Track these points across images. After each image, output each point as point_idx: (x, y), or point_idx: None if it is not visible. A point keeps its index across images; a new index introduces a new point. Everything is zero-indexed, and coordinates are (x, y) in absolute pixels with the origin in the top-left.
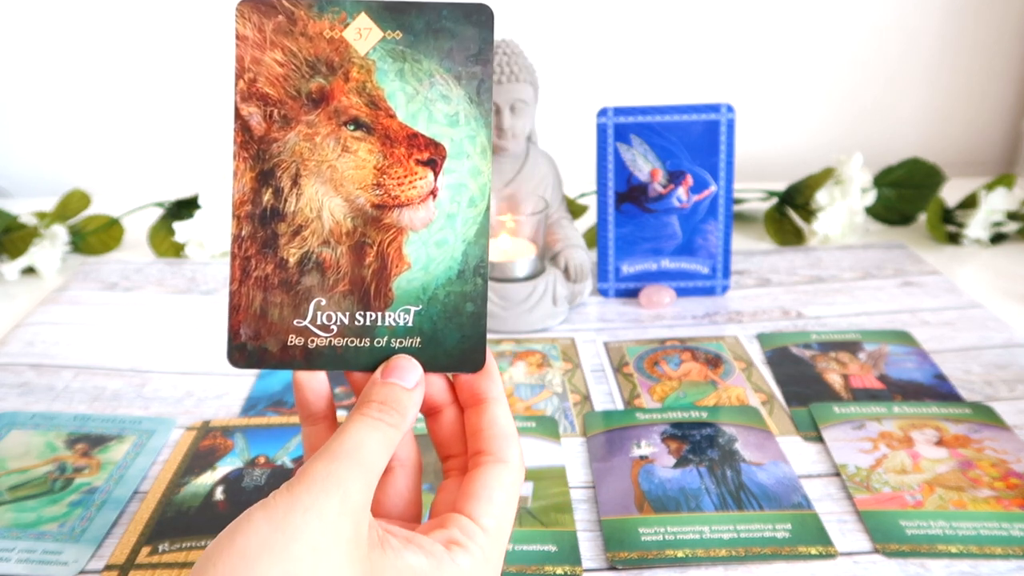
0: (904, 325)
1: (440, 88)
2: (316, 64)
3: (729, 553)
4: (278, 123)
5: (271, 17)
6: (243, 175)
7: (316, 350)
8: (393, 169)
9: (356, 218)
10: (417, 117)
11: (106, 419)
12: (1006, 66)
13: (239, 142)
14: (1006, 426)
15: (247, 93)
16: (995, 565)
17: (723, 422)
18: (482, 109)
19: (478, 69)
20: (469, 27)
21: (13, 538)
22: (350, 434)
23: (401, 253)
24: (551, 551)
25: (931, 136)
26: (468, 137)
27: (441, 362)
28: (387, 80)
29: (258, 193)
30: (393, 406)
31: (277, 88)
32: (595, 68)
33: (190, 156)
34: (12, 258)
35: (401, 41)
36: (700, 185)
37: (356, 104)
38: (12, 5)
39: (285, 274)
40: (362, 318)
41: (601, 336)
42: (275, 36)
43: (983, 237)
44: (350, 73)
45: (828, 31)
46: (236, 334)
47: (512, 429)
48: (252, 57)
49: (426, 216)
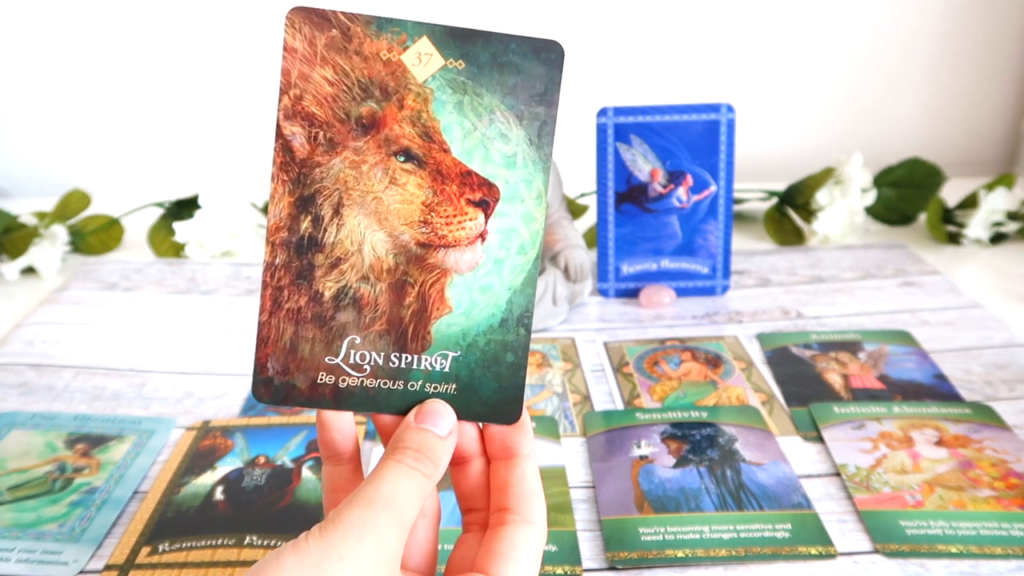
0: (904, 325)
1: (500, 126)
2: (369, 87)
3: (729, 553)
4: (323, 146)
5: (324, 31)
6: (281, 199)
7: (347, 390)
8: (442, 207)
9: (399, 255)
10: (473, 154)
11: (106, 419)
12: (1006, 66)
13: (279, 163)
14: (1006, 426)
15: (291, 111)
16: (995, 565)
17: (723, 422)
18: (542, 153)
19: (542, 110)
20: (537, 64)
21: (13, 538)
22: (386, 481)
23: (443, 296)
24: (551, 551)
25: (931, 136)
26: (524, 181)
27: (475, 411)
28: (444, 112)
29: (296, 220)
30: (428, 454)
31: (325, 109)
32: (595, 68)
33: (190, 156)
34: (12, 258)
35: (463, 72)
36: (700, 185)
37: (409, 134)
38: (12, 5)
39: (319, 308)
40: (397, 360)
41: (601, 336)
42: (327, 52)
43: (983, 237)
44: (405, 100)
45: (828, 31)
46: (263, 367)
47: (540, 489)
48: (300, 72)
49: (473, 259)
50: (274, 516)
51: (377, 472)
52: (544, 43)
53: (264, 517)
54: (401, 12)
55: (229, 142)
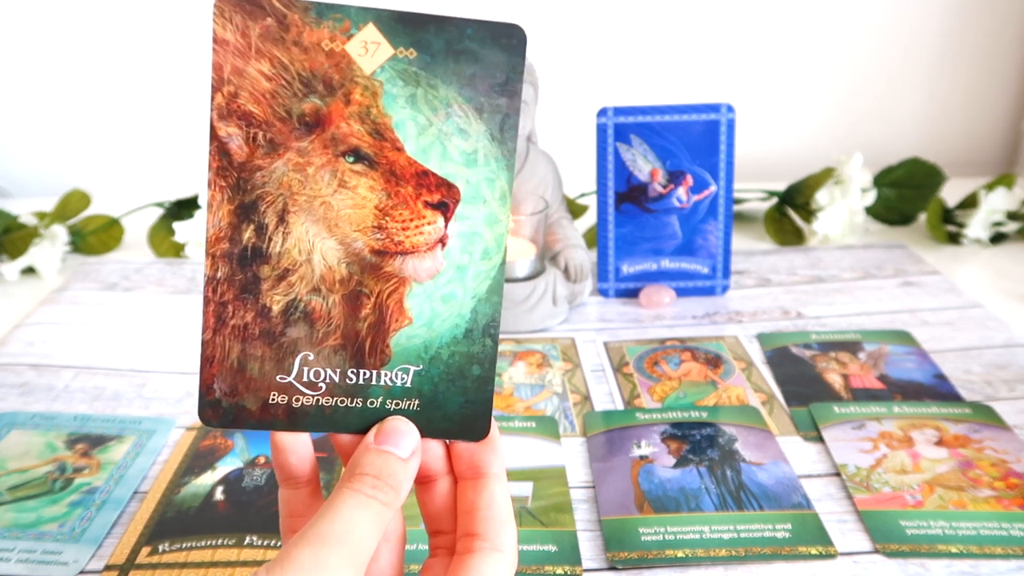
0: (904, 325)
1: (458, 120)
2: (311, 81)
3: (729, 553)
4: (263, 148)
5: (258, 19)
6: (219, 207)
7: (301, 409)
8: (397, 211)
9: (352, 264)
10: (429, 152)
11: (106, 419)
12: (1006, 66)
13: (215, 168)
14: (1006, 426)
15: (226, 110)
16: (995, 565)
17: (723, 422)
18: (505, 148)
19: (503, 101)
20: (497, 51)
21: (13, 538)
22: (340, 514)
23: (402, 306)
24: (551, 551)
25: (931, 136)
26: (486, 180)
27: (440, 428)
28: (396, 106)
29: (237, 229)
30: (388, 480)
31: (263, 106)
32: (595, 68)
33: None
34: (12, 258)
35: (415, 61)
36: (700, 185)
37: (357, 132)
38: (12, 5)
39: (267, 324)
40: (354, 376)
41: (601, 336)
42: (262, 43)
43: (983, 237)
44: (352, 95)
45: (828, 31)
46: (209, 389)
47: (510, 513)
48: (233, 67)
49: (433, 266)
50: (274, 516)
51: (331, 502)
52: (504, 28)
53: (264, 517)
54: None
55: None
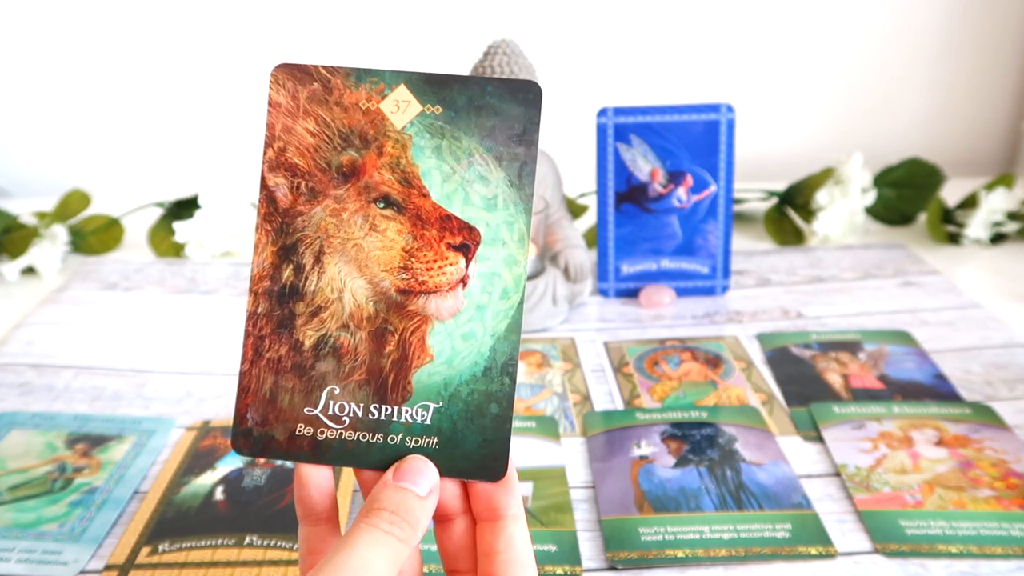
0: (904, 325)
1: (479, 169)
2: (349, 136)
3: (729, 553)
4: (305, 196)
5: (306, 84)
6: (264, 248)
7: (325, 442)
8: (422, 252)
9: (379, 302)
10: (452, 198)
11: (106, 419)
12: (1006, 66)
13: (263, 214)
14: (1006, 426)
15: (275, 163)
16: (995, 565)
17: (723, 422)
18: (523, 194)
19: (521, 151)
20: (515, 105)
21: (13, 538)
22: (357, 550)
23: (424, 344)
24: (551, 551)
25: (931, 136)
26: (506, 223)
27: (458, 467)
28: (423, 157)
29: (278, 269)
30: (405, 516)
31: (307, 159)
32: (595, 68)
33: (190, 156)
34: (12, 258)
35: (441, 116)
36: (700, 185)
37: (388, 180)
38: (12, 5)
39: (299, 357)
40: (377, 411)
41: (601, 336)
42: (309, 105)
43: (983, 237)
44: (384, 147)
45: (828, 31)
46: (243, 418)
47: (530, 556)
48: (284, 125)
49: (454, 306)
50: (274, 516)
51: (348, 538)
52: (522, 84)
53: (264, 517)
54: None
55: (229, 142)
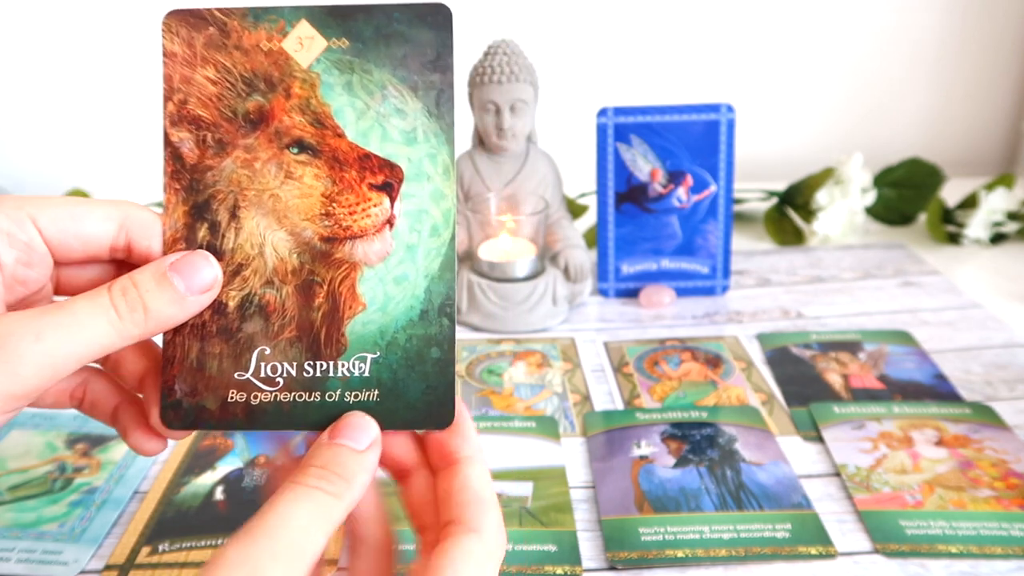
0: (904, 325)
1: (394, 101)
2: (253, 80)
3: (729, 553)
4: (213, 149)
5: (201, 30)
6: (175, 209)
7: (260, 407)
8: (343, 196)
9: (303, 254)
10: (369, 136)
11: None
12: (1006, 66)
13: (170, 172)
14: (1006, 426)
15: (177, 116)
16: (995, 565)
17: (723, 422)
18: (443, 123)
19: (436, 77)
20: (425, 30)
21: (13, 538)
22: (275, 507)
23: (355, 292)
24: (551, 551)
25: (931, 136)
26: (428, 156)
27: (403, 418)
28: (333, 95)
29: (192, 229)
30: (336, 470)
31: (210, 109)
32: (595, 68)
33: None
34: None
35: (348, 50)
36: (700, 185)
37: (299, 124)
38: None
39: (224, 320)
40: (311, 368)
41: (601, 336)
42: (206, 51)
43: (983, 237)
44: (291, 89)
45: (828, 31)
46: (171, 390)
47: (488, 492)
48: (181, 76)
49: (382, 249)
50: None
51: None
52: (429, 7)
53: None
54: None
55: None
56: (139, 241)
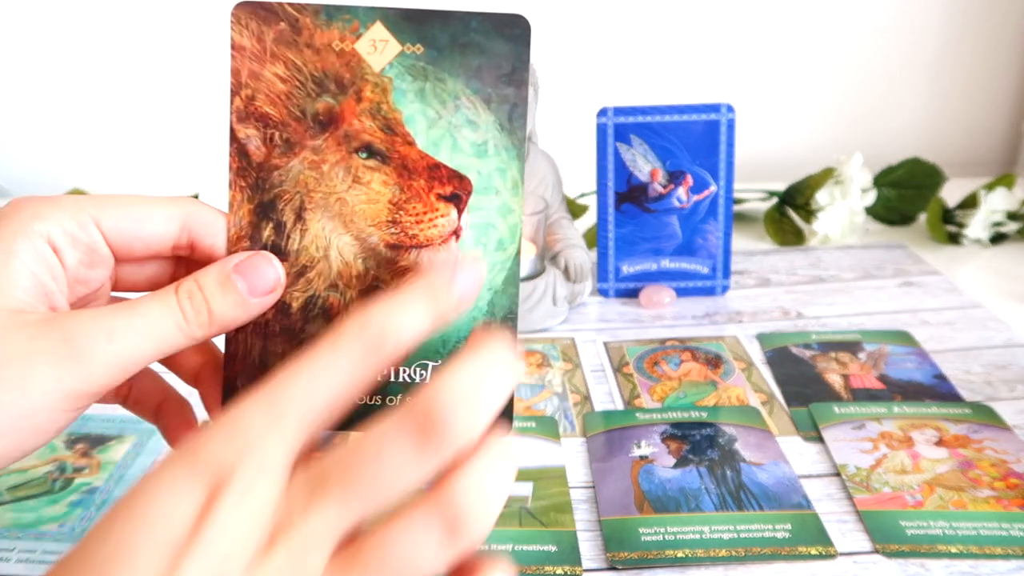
0: (904, 325)
1: (467, 112)
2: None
3: (729, 553)
4: (280, 148)
5: (272, 25)
6: (240, 207)
7: None
8: (411, 204)
9: (368, 259)
10: (439, 145)
11: (106, 419)
12: (1006, 66)
13: (235, 168)
14: (1006, 426)
15: (244, 113)
16: (995, 565)
17: (723, 422)
18: (514, 138)
19: (511, 91)
20: (502, 42)
21: (13, 538)
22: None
23: None
24: (551, 551)
25: (931, 136)
26: (498, 170)
27: None
28: (405, 101)
29: (257, 228)
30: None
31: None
32: (595, 68)
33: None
34: None
35: (422, 56)
36: (700, 185)
37: (369, 128)
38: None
39: (288, 321)
40: None
41: (601, 336)
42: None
43: (983, 237)
44: (363, 92)
45: (828, 31)
46: (233, 387)
47: None
48: (250, 71)
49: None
50: None
51: None
52: (508, 18)
53: None
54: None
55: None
56: (202, 239)
